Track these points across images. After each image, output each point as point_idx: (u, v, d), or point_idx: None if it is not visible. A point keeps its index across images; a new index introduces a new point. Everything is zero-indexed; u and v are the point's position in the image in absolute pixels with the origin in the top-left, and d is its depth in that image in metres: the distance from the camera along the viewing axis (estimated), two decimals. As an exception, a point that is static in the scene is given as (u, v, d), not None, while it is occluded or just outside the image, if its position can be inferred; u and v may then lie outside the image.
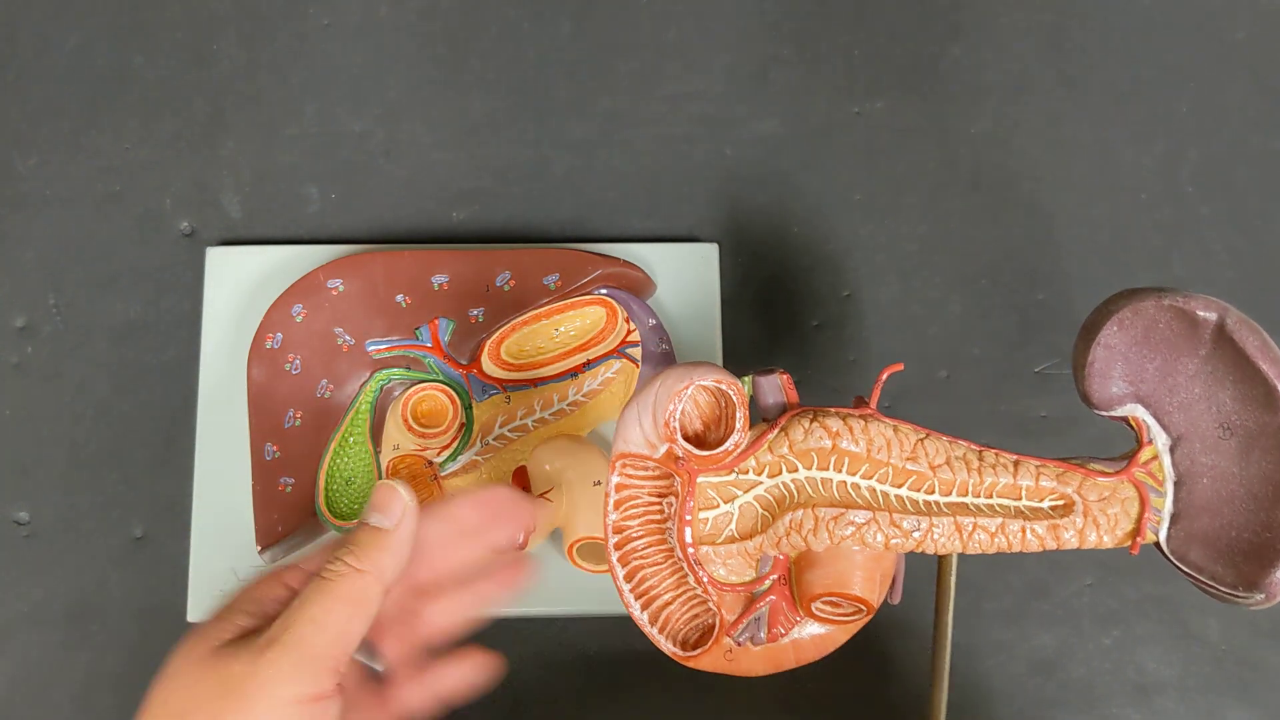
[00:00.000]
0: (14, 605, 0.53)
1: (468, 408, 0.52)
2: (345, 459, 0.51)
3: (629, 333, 0.53)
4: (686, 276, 0.56)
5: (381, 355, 0.52)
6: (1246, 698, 0.54)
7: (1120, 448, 0.56)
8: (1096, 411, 0.41)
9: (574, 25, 0.60)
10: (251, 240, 0.57)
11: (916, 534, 0.39)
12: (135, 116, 0.59)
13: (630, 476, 0.40)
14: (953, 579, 0.42)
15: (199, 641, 0.31)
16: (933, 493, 0.40)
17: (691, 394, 0.39)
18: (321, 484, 0.51)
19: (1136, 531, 0.40)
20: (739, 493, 0.40)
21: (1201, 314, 0.38)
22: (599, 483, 0.51)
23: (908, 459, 0.40)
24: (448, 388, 0.51)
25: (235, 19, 0.60)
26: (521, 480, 0.51)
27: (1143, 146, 0.60)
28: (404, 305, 0.52)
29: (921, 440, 0.40)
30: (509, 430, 0.52)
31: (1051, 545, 0.40)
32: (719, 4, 0.61)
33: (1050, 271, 0.58)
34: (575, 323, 0.53)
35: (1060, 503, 0.40)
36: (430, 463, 0.52)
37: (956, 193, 0.59)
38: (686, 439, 0.39)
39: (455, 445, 0.51)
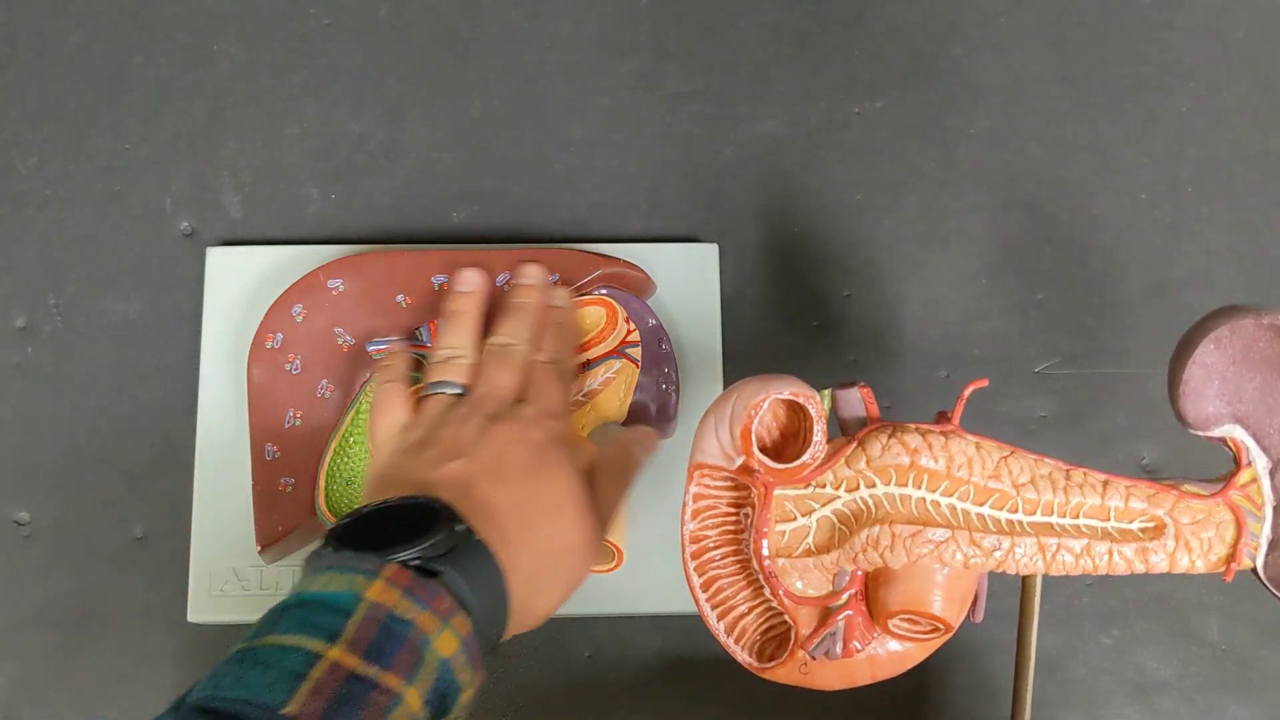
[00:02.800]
0: (14, 606, 0.53)
1: (468, 408, 0.52)
2: (345, 459, 0.51)
3: (629, 333, 0.53)
4: (686, 276, 0.56)
5: (381, 355, 0.52)
6: (1246, 697, 0.54)
7: (1121, 449, 0.56)
8: (1193, 431, 0.40)
9: (574, 25, 0.60)
10: (251, 240, 0.57)
11: (998, 554, 0.38)
12: (135, 116, 0.59)
13: (708, 487, 0.40)
14: (1037, 600, 0.41)
15: None
16: (1016, 511, 0.39)
17: (769, 406, 0.39)
18: (321, 484, 0.51)
19: (1232, 556, 0.39)
20: (816, 506, 0.40)
21: None
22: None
23: (990, 477, 0.39)
24: (448, 388, 0.51)
25: (235, 19, 0.60)
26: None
27: (1143, 146, 0.60)
28: (404, 305, 0.52)
29: (1005, 458, 0.39)
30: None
31: (1140, 569, 0.39)
32: (719, 4, 0.61)
33: (1050, 271, 0.58)
34: (575, 323, 0.53)
35: (1150, 525, 0.39)
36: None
37: (956, 193, 0.59)
38: (764, 451, 0.39)
39: (455, 445, 0.51)
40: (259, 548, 0.50)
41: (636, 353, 0.53)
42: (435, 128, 0.59)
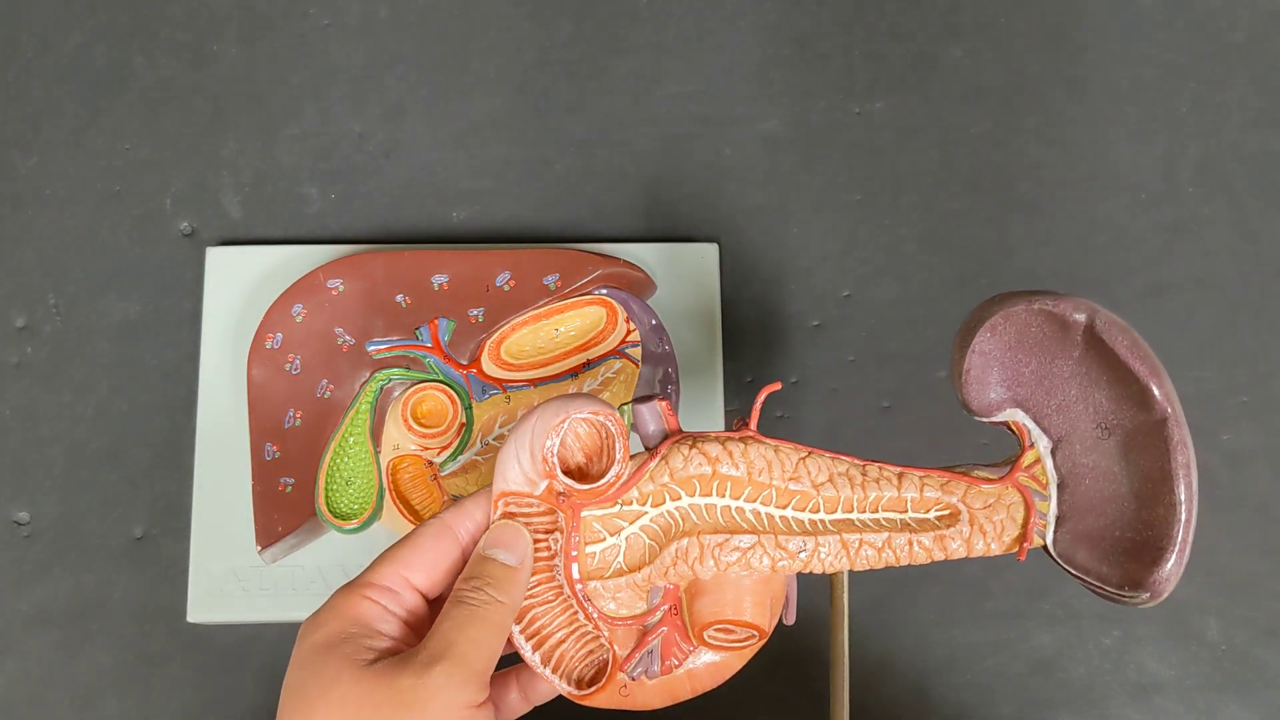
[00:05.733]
0: (14, 605, 0.53)
1: (468, 408, 0.52)
2: (345, 459, 0.51)
3: (629, 333, 0.53)
4: (686, 276, 0.56)
5: (381, 355, 0.52)
6: (1246, 697, 0.54)
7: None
8: (977, 418, 0.41)
9: (574, 25, 0.60)
10: (251, 240, 0.57)
11: (803, 555, 0.39)
12: (135, 116, 0.59)
13: (514, 515, 0.39)
14: (845, 596, 0.41)
15: (335, 660, 0.34)
16: (818, 511, 0.39)
17: (569, 427, 0.38)
18: (321, 484, 0.51)
19: (1023, 536, 0.40)
20: (625, 524, 0.39)
21: (1072, 316, 0.38)
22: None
23: (790, 479, 0.39)
24: (448, 388, 0.51)
25: (235, 19, 0.60)
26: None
27: (1143, 146, 0.60)
28: (404, 305, 0.52)
29: (803, 459, 0.40)
30: (509, 430, 0.52)
31: (939, 556, 0.39)
32: (719, 4, 0.61)
33: (1050, 271, 0.58)
34: (575, 323, 0.53)
35: (946, 512, 0.40)
36: (430, 463, 0.52)
37: (956, 193, 0.59)
38: (568, 473, 0.38)
39: (455, 445, 0.51)
40: (259, 548, 0.51)
41: (636, 352, 0.53)
42: (435, 128, 0.59)
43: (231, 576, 0.52)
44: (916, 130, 0.59)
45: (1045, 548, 0.40)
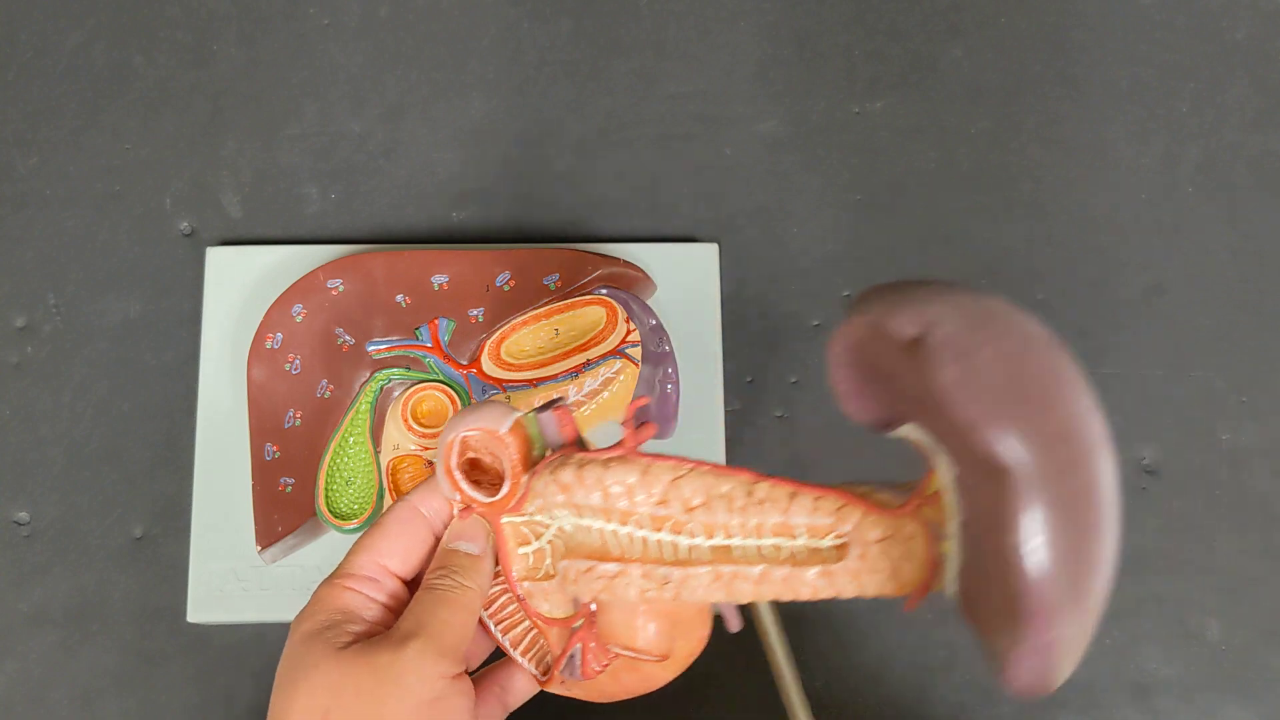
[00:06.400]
0: (13, 605, 0.53)
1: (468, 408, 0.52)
2: (345, 459, 0.51)
3: (629, 333, 0.53)
4: (686, 276, 0.56)
5: (381, 355, 0.52)
6: (1246, 697, 0.54)
7: (1121, 450, 0.56)
8: (878, 433, 0.34)
9: (574, 25, 0.60)
10: (251, 240, 0.57)
11: (669, 586, 0.34)
12: (135, 116, 0.59)
13: (469, 510, 0.38)
14: (768, 622, 0.37)
15: (319, 646, 0.35)
16: (694, 537, 0.35)
17: (464, 441, 0.37)
18: (321, 484, 0.51)
19: (922, 579, 0.33)
20: (543, 531, 0.38)
21: (902, 333, 0.30)
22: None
23: (657, 503, 0.35)
24: (448, 388, 0.51)
25: (235, 19, 0.60)
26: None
27: (1143, 146, 0.60)
28: (404, 305, 0.52)
29: (678, 479, 0.35)
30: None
31: (828, 593, 0.34)
32: (719, 4, 0.61)
33: (1050, 271, 0.58)
34: (575, 323, 0.53)
35: (841, 542, 0.34)
36: (430, 463, 0.52)
37: (956, 193, 0.59)
38: (497, 477, 0.38)
39: (455, 445, 0.51)
40: (259, 548, 0.51)
41: (636, 352, 0.53)
42: (435, 128, 0.59)
43: (231, 576, 0.52)
44: (916, 130, 0.59)
45: (948, 595, 0.33)
